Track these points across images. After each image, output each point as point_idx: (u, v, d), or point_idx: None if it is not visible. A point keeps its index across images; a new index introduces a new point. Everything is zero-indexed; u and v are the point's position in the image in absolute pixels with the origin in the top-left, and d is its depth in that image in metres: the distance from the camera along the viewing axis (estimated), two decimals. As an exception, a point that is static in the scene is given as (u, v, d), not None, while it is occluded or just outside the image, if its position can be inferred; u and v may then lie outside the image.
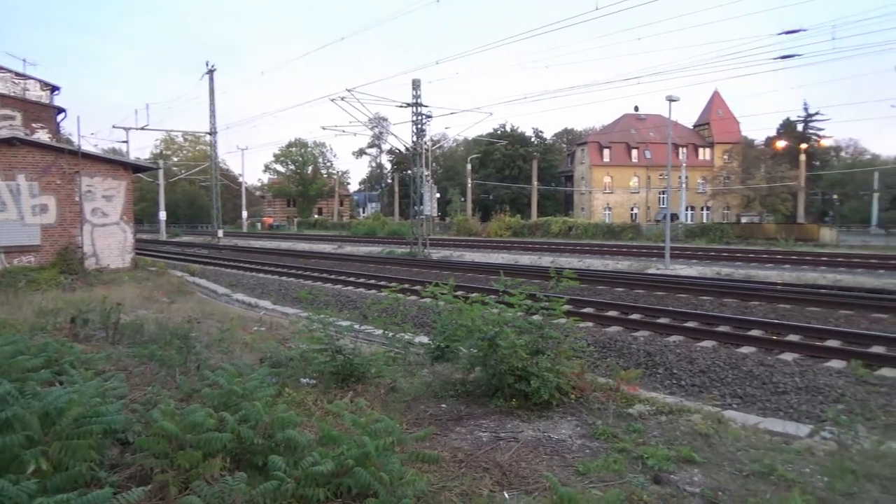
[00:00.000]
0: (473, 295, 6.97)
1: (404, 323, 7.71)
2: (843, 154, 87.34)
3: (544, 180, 77.19)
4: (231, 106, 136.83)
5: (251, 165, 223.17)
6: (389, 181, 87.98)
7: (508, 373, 5.66)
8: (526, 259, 26.02)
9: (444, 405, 5.83)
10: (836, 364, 8.26)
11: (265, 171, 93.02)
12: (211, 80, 43.23)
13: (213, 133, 44.61)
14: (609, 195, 76.19)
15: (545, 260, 25.19)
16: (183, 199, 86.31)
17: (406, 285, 15.97)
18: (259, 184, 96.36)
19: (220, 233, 45.20)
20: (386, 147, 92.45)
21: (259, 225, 79.72)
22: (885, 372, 7.89)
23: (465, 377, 6.36)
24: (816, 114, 76.91)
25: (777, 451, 4.73)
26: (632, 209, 75.44)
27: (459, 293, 9.90)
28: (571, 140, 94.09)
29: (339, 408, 4.65)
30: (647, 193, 74.83)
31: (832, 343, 9.46)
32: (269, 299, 16.09)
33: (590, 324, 11.35)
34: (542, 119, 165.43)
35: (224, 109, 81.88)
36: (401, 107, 31.78)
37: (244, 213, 72.61)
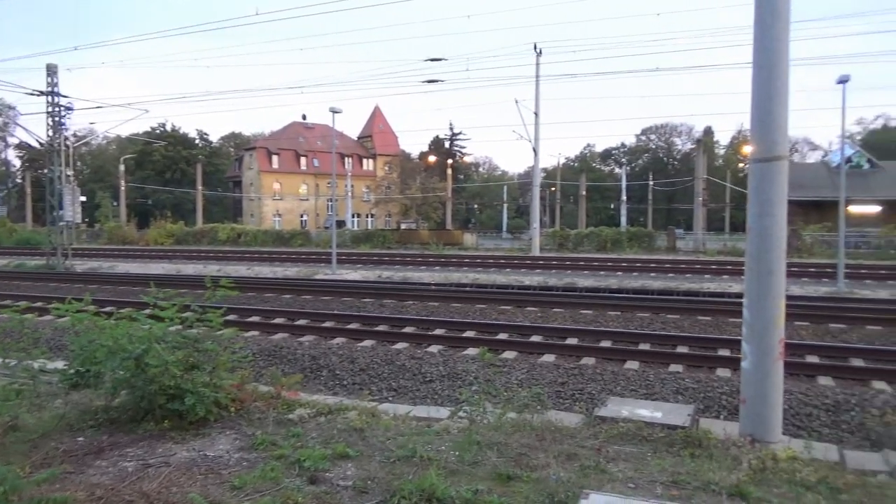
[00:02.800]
0: (125, 310, 6.29)
1: (35, 348, 6.57)
2: (481, 169, 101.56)
3: (211, 185, 73.64)
4: None
5: None
6: (20, 181, 74.46)
7: (160, 393, 5.24)
8: (190, 268, 24.49)
9: (81, 438, 5.14)
10: (472, 351, 9.54)
11: None
12: None
13: None
14: (279, 202, 76.09)
15: (211, 269, 24.03)
16: None
17: (40, 303, 13.71)
18: None
19: None
20: (14, 140, 78.04)
21: None
22: (507, 355, 9.40)
23: (108, 403, 5.70)
24: (460, 133, 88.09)
25: (420, 435, 5.26)
26: (302, 216, 76.52)
27: (109, 309, 8.86)
28: (239, 144, 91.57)
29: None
30: (316, 201, 76.67)
31: (469, 333, 10.91)
32: None
33: (255, 332, 11.19)
34: (207, 121, 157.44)
35: None
36: (32, 94, 27.20)
37: None
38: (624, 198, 60.45)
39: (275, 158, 76.33)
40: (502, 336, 10.71)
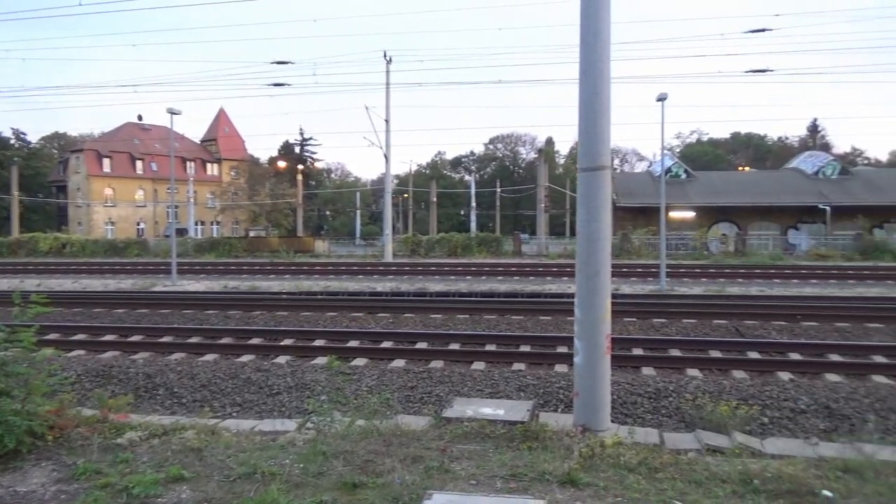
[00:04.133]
0: None
1: None
2: (333, 175, 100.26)
3: (30, 190, 66.35)
4: None
5: None
6: None
7: (-43, 426, 4.63)
8: (4, 283, 21.83)
9: None
10: (322, 360, 9.37)
11: None
12: None
13: None
14: (111, 208, 70.14)
15: (30, 283, 21.62)
16: None
17: None
18: None
19: None
20: None
21: None
22: (358, 362, 9.34)
23: None
24: (311, 139, 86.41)
25: (264, 450, 5.08)
26: (138, 224, 71.13)
27: None
28: (64, 146, 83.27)
29: None
30: (154, 207, 71.64)
31: (319, 342, 10.73)
32: None
33: (81, 352, 10.23)
34: (24, 120, 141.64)
35: None
36: None
37: None
38: (473, 204, 62.46)
39: (106, 161, 70.21)
40: (353, 343, 10.64)
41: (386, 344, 10.53)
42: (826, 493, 4.16)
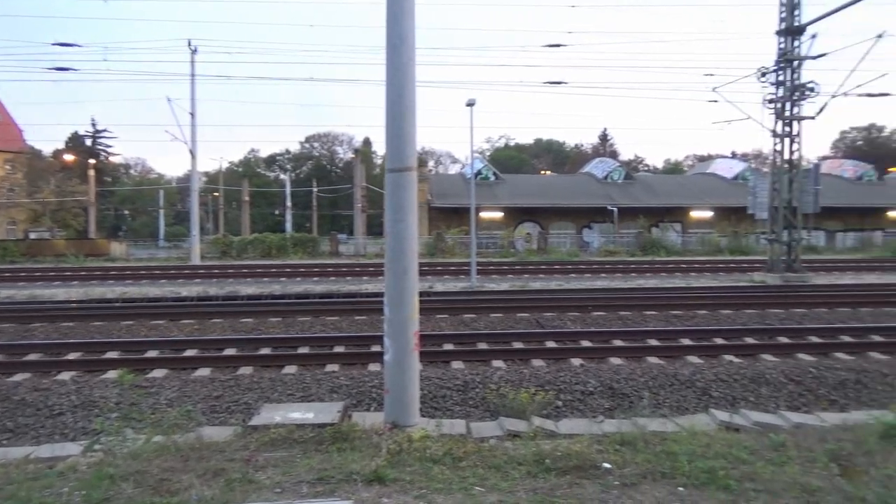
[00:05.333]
0: None
1: None
2: (132, 172, 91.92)
3: None
4: None
5: None
6: None
7: None
8: None
9: None
10: (115, 374, 8.53)
11: None
12: None
13: None
14: None
15: None
16: None
17: None
18: None
19: None
20: None
21: None
22: (156, 373, 8.65)
23: None
24: (105, 130, 78.42)
25: (38, 479, 4.51)
26: None
27: None
28: None
29: None
30: None
31: (112, 354, 9.77)
32: None
33: None
34: None
35: None
36: None
37: None
38: (289, 204, 60.88)
39: None
40: (152, 353, 9.83)
41: (190, 352, 9.87)
42: (606, 465, 4.63)
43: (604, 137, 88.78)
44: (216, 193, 67.05)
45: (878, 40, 19.51)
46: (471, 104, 20.69)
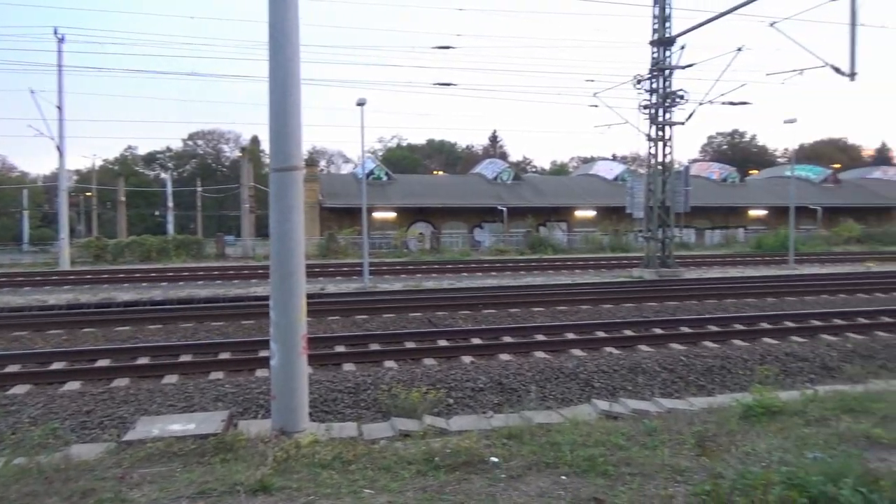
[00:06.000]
0: None
1: None
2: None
3: None
4: None
5: None
6: None
7: None
8: None
9: None
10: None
11: None
12: None
13: None
14: None
15: None
16: None
17: None
18: None
19: None
20: None
21: None
22: (17, 390, 7.96)
23: None
24: (-45, 124, 71.01)
25: None
26: None
27: None
28: None
29: None
30: None
31: (-36, 371, 8.87)
32: None
33: None
34: None
35: None
36: None
37: None
38: (171, 204, 57.85)
39: None
40: (12, 368, 9.01)
41: (57, 365, 9.15)
42: (493, 458, 4.74)
43: (494, 139, 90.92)
44: (89, 193, 62.49)
45: (738, 53, 21.25)
46: (361, 103, 20.53)
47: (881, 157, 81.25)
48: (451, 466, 4.59)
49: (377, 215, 39.29)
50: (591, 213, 44.34)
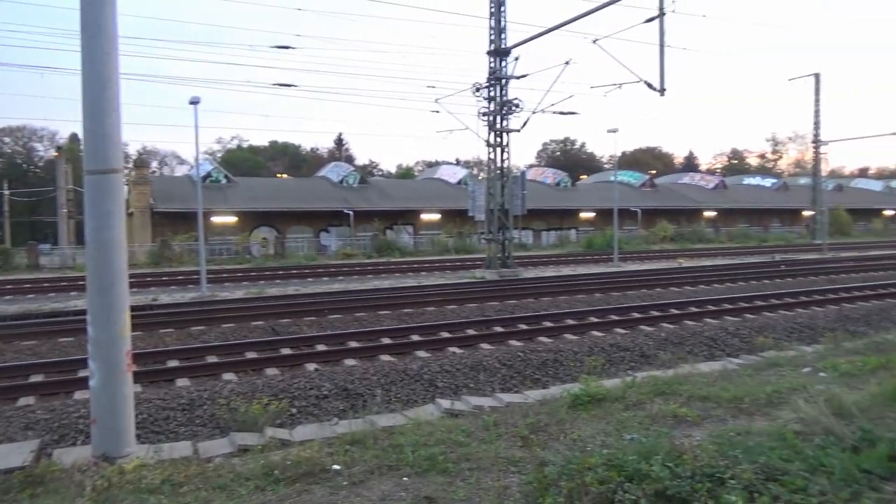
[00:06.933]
0: None
1: None
2: None
3: None
4: None
5: None
6: None
7: None
8: None
9: None
10: None
11: None
12: None
13: None
14: None
15: None
16: None
17: None
18: None
19: None
20: None
21: None
22: None
23: None
24: None
25: None
26: None
27: None
28: None
29: None
30: None
31: None
32: None
33: None
34: None
35: None
36: None
37: None
38: (-30, 209, 50.97)
39: None
40: None
41: None
42: (336, 466, 4.69)
43: (339, 142, 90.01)
44: None
45: (566, 66, 22.77)
46: (195, 102, 19.43)
47: (689, 165, 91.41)
48: (292, 478, 4.48)
49: (216, 220, 37.36)
50: (436, 216, 45.35)
